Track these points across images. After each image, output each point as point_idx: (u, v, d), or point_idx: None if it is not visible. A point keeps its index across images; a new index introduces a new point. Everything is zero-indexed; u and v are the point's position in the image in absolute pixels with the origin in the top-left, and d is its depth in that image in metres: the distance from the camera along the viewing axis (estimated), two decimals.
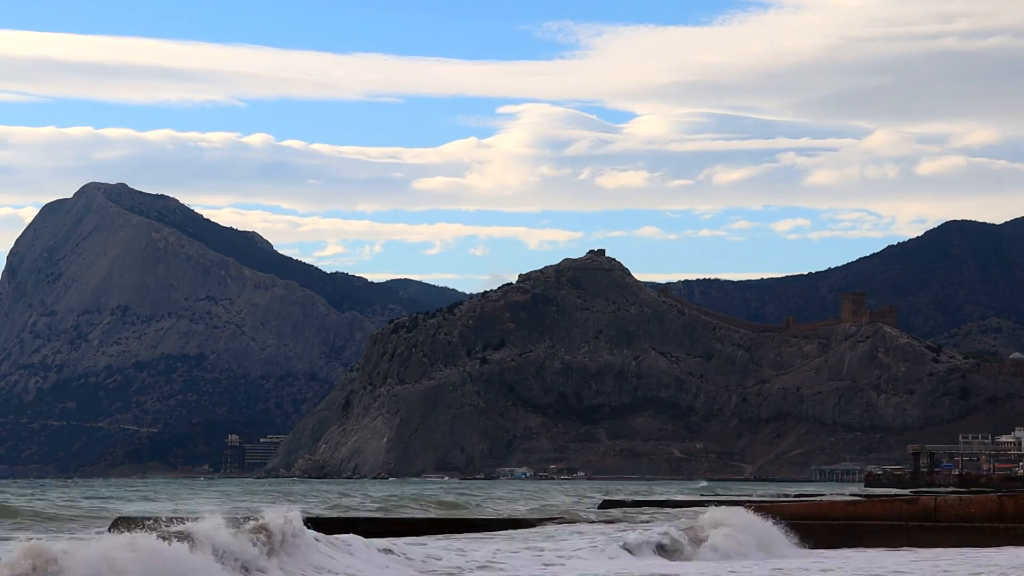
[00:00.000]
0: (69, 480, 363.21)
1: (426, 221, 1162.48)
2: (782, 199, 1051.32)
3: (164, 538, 23.43)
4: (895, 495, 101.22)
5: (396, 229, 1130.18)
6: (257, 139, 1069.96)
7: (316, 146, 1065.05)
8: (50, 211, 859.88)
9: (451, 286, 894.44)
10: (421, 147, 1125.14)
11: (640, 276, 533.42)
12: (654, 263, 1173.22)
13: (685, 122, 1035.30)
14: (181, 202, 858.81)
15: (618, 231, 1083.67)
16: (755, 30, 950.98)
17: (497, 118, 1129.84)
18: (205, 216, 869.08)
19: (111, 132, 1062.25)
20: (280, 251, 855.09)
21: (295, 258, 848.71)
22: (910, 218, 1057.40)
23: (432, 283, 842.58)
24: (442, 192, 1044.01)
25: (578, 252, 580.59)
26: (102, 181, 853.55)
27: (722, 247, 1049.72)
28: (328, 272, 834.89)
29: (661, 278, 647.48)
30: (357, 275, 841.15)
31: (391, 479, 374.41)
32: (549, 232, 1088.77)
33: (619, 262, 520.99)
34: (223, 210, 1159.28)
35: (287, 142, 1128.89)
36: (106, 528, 43.18)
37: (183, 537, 24.16)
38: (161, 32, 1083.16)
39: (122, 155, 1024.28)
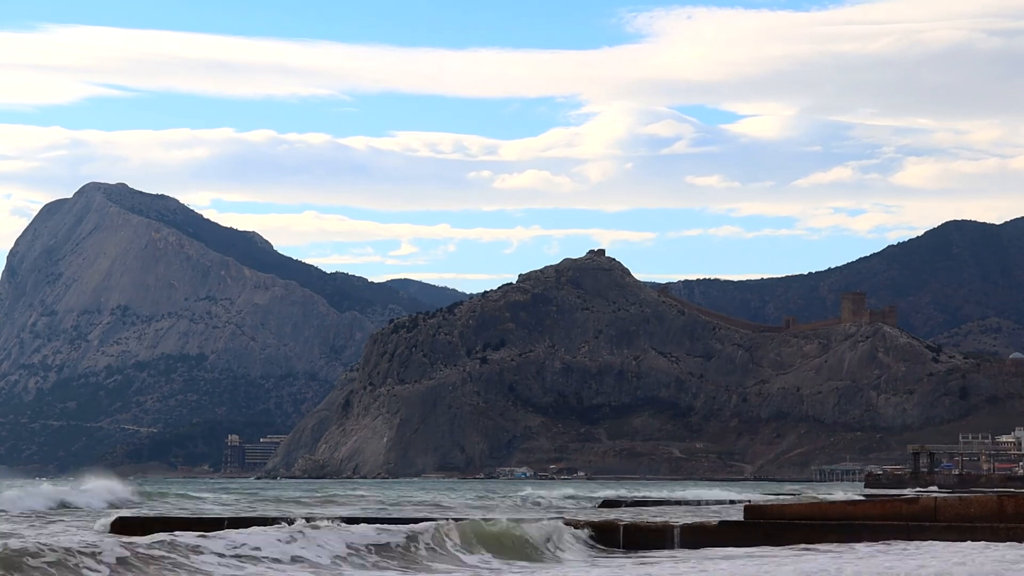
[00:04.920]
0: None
1: (504, 220, 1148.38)
2: (869, 198, 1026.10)
3: None
4: (895, 495, 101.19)
5: (472, 231, 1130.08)
6: (357, 141, 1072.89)
7: (410, 142, 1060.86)
8: (50, 211, 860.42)
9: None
10: (518, 140, 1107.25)
11: (640, 276, 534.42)
12: (654, 263, 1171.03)
13: (788, 120, 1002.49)
14: (180, 201, 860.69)
15: (695, 230, 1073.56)
16: (890, 17, 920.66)
17: (590, 116, 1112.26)
18: (206, 216, 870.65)
19: (207, 134, 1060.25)
20: (342, 252, 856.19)
21: (296, 258, 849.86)
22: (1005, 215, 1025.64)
23: (433, 284, 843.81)
24: (525, 190, 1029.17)
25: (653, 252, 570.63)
26: (102, 181, 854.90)
27: (746, 247, 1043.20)
28: (328, 272, 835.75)
29: (661, 278, 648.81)
30: (357, 275, 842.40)
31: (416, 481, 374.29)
32: (622, 233, 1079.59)
33: (619, 262, 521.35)
34: (303, 214, 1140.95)
35: (382, 140, 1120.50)
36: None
37: None
38: (281, 32, 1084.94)
39: (219, 153, 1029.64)
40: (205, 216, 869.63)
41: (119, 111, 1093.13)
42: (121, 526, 40.82)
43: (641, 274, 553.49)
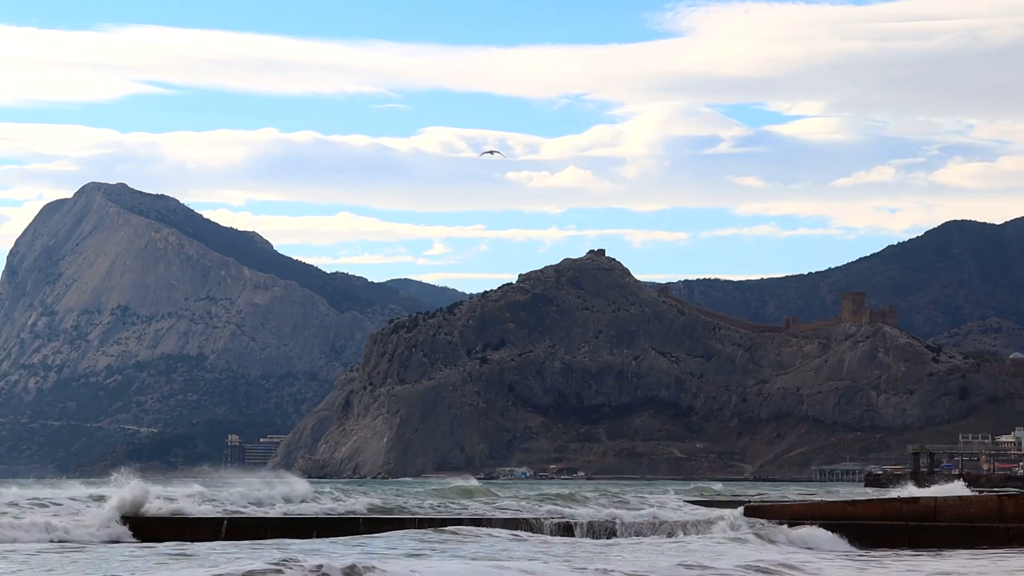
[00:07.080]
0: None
1: (539, 220, 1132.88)
2: (910, 197, 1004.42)
3: None
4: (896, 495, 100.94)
5: (507, 232, 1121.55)
6: (399, 143, 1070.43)
7: (453, 141, 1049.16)
8: (50, 211, 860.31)
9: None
10: (561, 137, 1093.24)
11: (640, 276, 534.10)
12: (654, 263, 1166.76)
13: (834, 119, 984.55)
14: (181, 201, 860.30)
15: (729, 229, 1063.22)
16: (953, 12, 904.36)
17: (635, 114, 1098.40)
18: (206, 216, 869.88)
19: (250, 135, 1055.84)
20: (375, 253, 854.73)
21: (296, 258, 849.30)
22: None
23: (434, 284, 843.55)
24: (561, 189, 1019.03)
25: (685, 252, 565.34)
26: (102, 181, 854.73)
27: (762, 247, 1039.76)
28: (328, 272, 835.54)
29: (661, 278, 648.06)
30: (357, 275, 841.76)
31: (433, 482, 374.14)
32: (656, 233, 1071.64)
33: (619, 262, 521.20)
34: (337, 216, 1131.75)
35: (423, 139, 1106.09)
36: None
37: None
38: (331, 31, 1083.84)
39: (260, 154, 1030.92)
40: (205, 216, 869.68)
41: (164, 110, 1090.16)
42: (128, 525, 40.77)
43: (641, 274, 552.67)
